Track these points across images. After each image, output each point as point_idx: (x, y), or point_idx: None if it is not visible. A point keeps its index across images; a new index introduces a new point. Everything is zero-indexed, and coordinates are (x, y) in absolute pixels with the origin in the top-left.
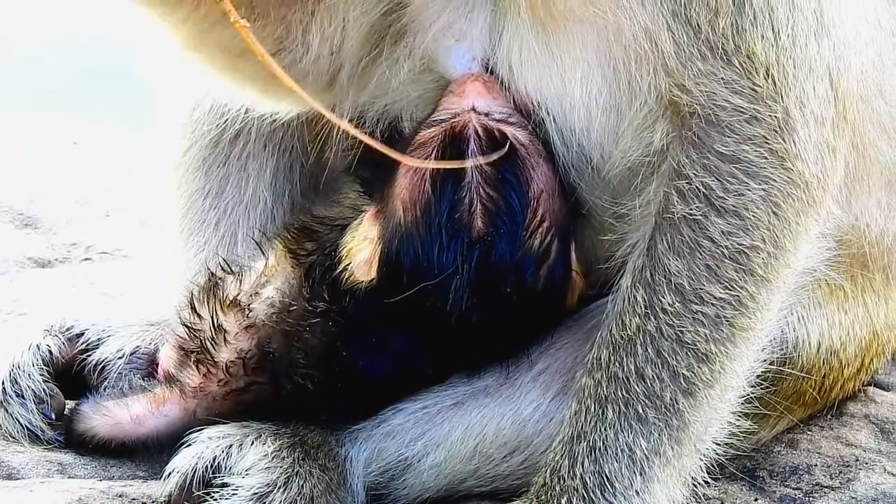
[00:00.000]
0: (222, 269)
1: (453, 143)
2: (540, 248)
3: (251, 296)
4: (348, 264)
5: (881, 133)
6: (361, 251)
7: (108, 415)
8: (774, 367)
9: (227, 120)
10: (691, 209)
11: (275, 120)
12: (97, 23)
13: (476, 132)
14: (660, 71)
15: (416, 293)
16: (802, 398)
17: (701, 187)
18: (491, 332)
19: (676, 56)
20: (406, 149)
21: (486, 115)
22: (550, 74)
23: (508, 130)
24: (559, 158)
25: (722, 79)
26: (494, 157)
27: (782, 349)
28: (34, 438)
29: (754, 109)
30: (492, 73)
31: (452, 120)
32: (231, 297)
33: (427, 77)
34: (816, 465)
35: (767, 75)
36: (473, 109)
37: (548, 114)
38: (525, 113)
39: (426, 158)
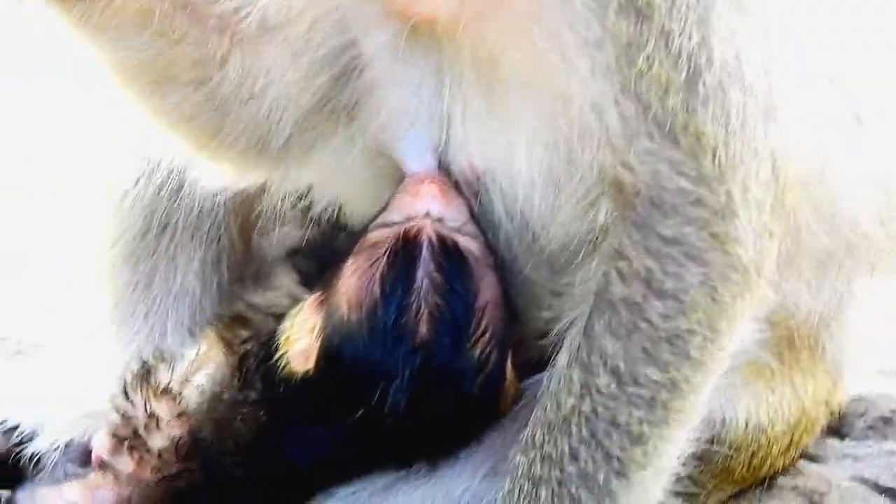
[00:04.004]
0: (154, 357)
1: (406, 248)
2: (480, 357)
3: (182, 383)
4: (285, 352)
5: (817, 218)
6: (299, 340)
7: (43, 502)
8: (703, 446)
9: (154, 211)
10: (631, 291)
11: (201, 210)
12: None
13: (430, 239)
14: (604, 147)
15: (352, 392)
16: (731, 476)
17: (641, 269)
18: (423, 434)
19: (623, 132)
20: (355, 245)
21: (440, 221)
22: (497, 142)
23: (461, 240)
24: (502, 229)
25: (668, 159)
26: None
27: (711, 428)
28: None
29: (698, 192)
30: (443, 166)
31: (406, 224)
32: (163, 385)
33: (380, 161)
34: None
35: (714, 157)
36: (428, 215)
37: (493, 182)
38: (472, 182)
39: (377, 260)
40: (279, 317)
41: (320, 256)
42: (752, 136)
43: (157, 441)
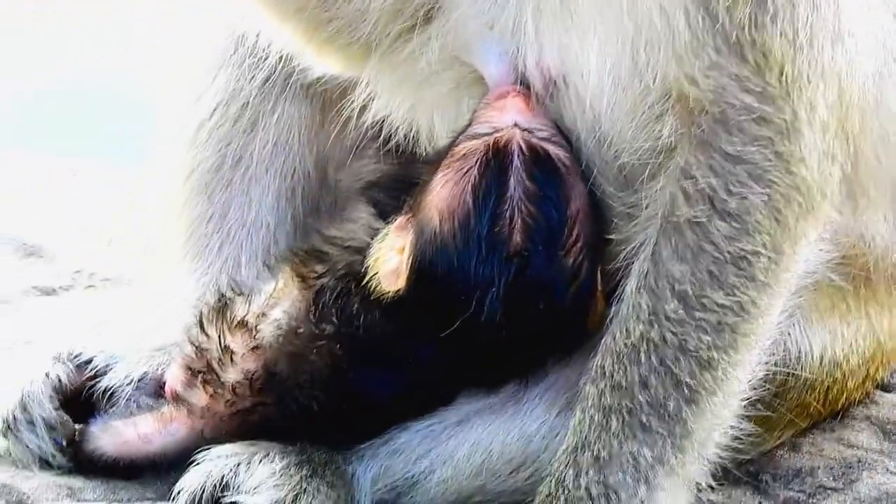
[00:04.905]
0: (232, 289)
1: (497, 157)
2: (573, 265)
3: (258, 317)
4: (375, 274)
5: (878, 145)
6: (389, 261)
7: (117, 434)
8: (779, 378)
9: (229, 144)
10: (696, 212)
11: (276, 143)
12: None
13: (521, 148)
14: (670, 57)
15: (447, 305)
16: (807, 410)
17: (707, 188)
18: (514, 349)
19: (689, 43)
20: (443, 159)
21: (529, 131)
22: (570, 43)
23: (551, 149)
24: (573, 135)
25: (735, 74)
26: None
27: (786, 362)
28: (45, 464)
29: (763, 109)
30: (518, 70)
31: (496, 134)
32: (238, 318)
33: (457, 69)
34: (819, 468)
35: (781, 75)
36: (517, 125)
37: (566, 85)
38: (546, 86)
39: (469, 170)
40: (356, 250)
41: (397, 189)
42: (819, 55)
43: (231, 375)
